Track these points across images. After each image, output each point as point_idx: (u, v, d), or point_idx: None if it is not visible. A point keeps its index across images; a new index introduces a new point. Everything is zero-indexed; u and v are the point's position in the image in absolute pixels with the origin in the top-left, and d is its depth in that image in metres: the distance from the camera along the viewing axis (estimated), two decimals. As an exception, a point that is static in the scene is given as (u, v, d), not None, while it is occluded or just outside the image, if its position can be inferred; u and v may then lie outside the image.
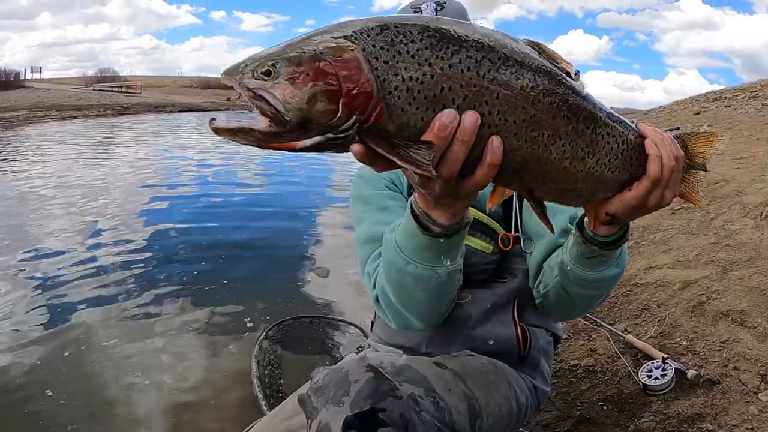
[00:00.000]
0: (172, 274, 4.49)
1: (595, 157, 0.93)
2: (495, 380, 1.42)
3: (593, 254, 1.15)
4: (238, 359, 3.09)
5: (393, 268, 1.23)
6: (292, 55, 0.77)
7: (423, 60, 0.77)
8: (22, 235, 5.52)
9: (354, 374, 1.15)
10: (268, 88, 0.76)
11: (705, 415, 2.11)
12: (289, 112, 0.75)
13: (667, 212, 4.51)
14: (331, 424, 1.07)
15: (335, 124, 0.76)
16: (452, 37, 0.79)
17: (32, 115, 25.46)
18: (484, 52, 0.80)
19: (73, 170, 10.16)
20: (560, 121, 0.87)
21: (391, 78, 0.77)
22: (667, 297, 3.05)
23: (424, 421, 1.14)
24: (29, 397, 2.66)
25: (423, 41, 0.78)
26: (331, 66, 0.76)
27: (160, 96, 51.19)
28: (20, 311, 3.65)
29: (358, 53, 0.76)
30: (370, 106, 0.76)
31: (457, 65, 0.78)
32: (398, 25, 0.78)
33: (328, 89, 0.75)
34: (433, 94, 0.78)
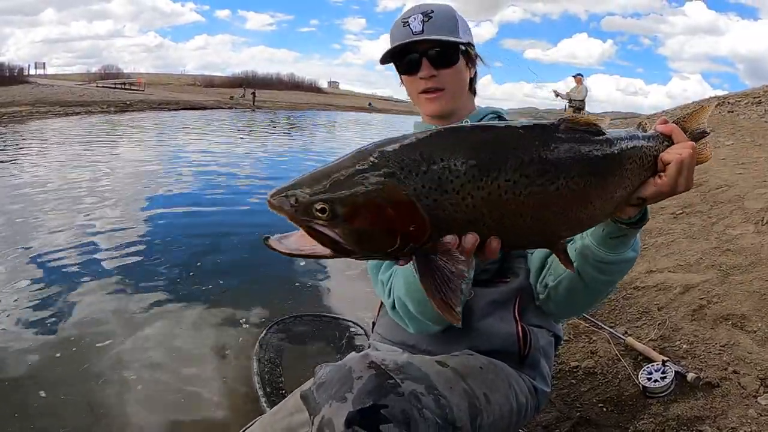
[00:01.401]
0: (172, 271, 4.49)
1: (624, 188, 1.02)
2: (495, 380, 1.43)
3: (619, 233, 1.20)
4: (239, 357, 3.10)
5: (412, 287, 1.36)
6: (346, 197, 0.81)
7: (466, 194, 0.84)
8: (21, 230, 5.54)
9: (357, 371, 1.16)
10: (328, 227, 0.82)
11: (704, 418, 2.11)
12: (350, 245, 0.83)
13: (669, 216, 4.52)
14: (334, 420, 1.07)
15: (393, 252, 0.86)
16: (492, 164, 0.85)
17: (35, 111, 25.51)
18: (522, 169, 0.86)
19: (75, 166, 10.22)
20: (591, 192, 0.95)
21: (439, 213, 0.84)
22: (667, 300, 3.05)
23: (426, 417, 1.15)
24: (25, 394, 2.66)
25: (466, 174, 0.84)
26: (387, 210, 0.82)
27: (164, 93, 51.28)
28: (16, 307, 3.65)
29: (411, 196, 0.82)
30: (425, 237, 0.85)
31: (496, 191, 0.85)
32: (443, 158, 0.83)
33: (385, 229, 0.83)
34: (474, 217, 0.86)
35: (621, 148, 1.00)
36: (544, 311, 1.55)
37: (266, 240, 0.86)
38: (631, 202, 1.07)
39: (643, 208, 1.13)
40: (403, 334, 1.65)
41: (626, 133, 1.04)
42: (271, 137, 20.83)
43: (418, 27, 1.54)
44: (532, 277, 1.52)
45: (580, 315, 1.74)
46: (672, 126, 1.10)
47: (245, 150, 15.21)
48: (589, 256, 1.27)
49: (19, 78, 47.49)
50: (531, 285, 1.54)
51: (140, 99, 39.80)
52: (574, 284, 1.36)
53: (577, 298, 1.41)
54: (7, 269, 4.39)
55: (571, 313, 1.57)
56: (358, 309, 3.63)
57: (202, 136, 19.11)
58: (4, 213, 6.36)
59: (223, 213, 6.72)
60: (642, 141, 1.05)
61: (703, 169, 5.74)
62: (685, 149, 1.04)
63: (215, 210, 6.89)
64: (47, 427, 2.50)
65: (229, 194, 8.09)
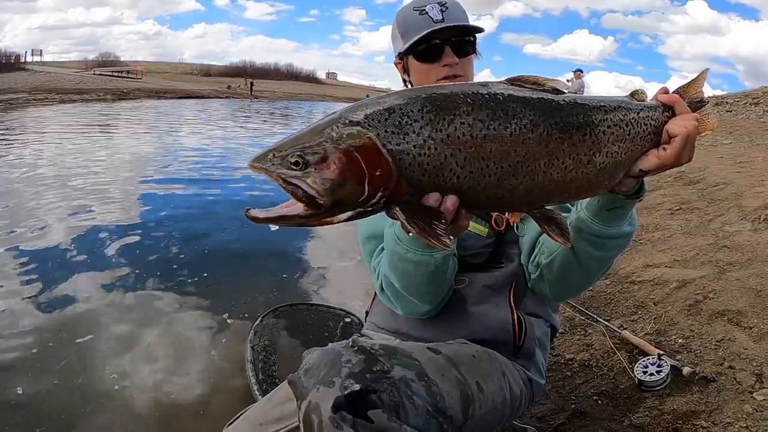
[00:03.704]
0: (166, 258, 4.48)
1: (602, 154, 1.01)
2: (489, 369, 1.41)
3: (614, 205, 1.19)
4: (232, 345, 3.09)
5: (395, 257, 1.35)
6: (317, 146, 0.88)
7: (426, 136, 0.90)
8: (17, 218, 5.48)
9: (345, 355, 1.15)
10: (300, 177, 0.87)
11: (700, 413, 2.10)
12: (322, 197, 0.87)
13: (666, 212, 4.53)
14: (321, 405, 1.06)
15: (364, 202, 0.89)
16: (446, 108, 0.91)
17: (32, 98, 25.42)
18: (474, 113, 0.92)
19: (70, 153, 10.18)
20: (554, 145, 0.96)
21: (404, 157, 0.90)
22: (663, 295, 3.05)
23: (416, 405, 1.13)
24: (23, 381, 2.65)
25: (423, 118, 0.90)
26: (353, 154, 0.87)
27: (161, 82, 51.20)
28: (9, 297, 3.62)
29: (375, 139, 0.88)
30: (392, 183, 0.89)
31: (454, 133, 0.91)
32: (402, 107, 0.91)
33: (354, 174, 0.87)
34: (439, 162, 0.91)
35: (589, 108, 1.00)
36: (537, 293, 1.54)
37: (247, 211, 0.91)
38: (631, 174, 1.06)
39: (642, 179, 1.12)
40: (395, 322, 1.64)
41: (604, 97, 1.05)
42: (267, 126, 20.80)
43: (438, 15, 1.55)
44: (523, 257, 1.52)
45: (574, 296, 1.75)
46: (675, 96, 1.09)
47: (240, 139, 15.19)
48: (584, 229, 1.25)
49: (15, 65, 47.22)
50: (523, 264, 1.53)
51: (137, 87, 39.69)
52: (567, 261, 1.35)
53: (571, 277, 1.39)
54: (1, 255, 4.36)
55: (565, 293, 1.53)
56: (351, 300, 3.64)
57: (198, 124, 19.08)
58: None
59: (220, 202, 6.68)
60: (634, 109, 1.05)
61: (701, 167, 5.75)
62: (690, 121, 1.04)
63: (212, 199, 6.86)
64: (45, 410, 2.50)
65: (226, 182, 8.06)
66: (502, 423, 1.59)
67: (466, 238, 1.52)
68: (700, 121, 1.08)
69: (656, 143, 1.06)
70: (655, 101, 1.09)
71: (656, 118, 1.07)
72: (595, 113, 1.01)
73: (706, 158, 6.26)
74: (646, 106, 1.07)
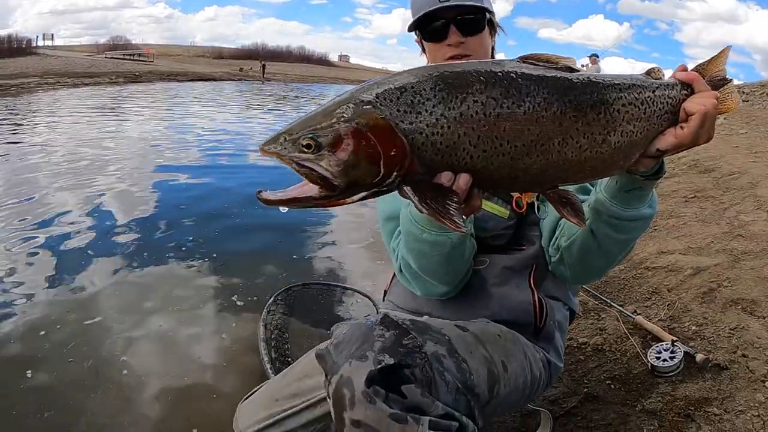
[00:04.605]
0: (181, 241, 4.47)
1: (617, 133, 1.00)
2: (513, 349, 1.41)
3: (633, 186, 1.17)
4: (245, 323, 3.10)
5: (411, 238, 1.36)
6: (329, 128, 0.87)
7: (439, 115, 0.90)
8: (28, 200, 5.50)
9: (377, 329, 1.14)
10: (314, 159, 0.87)
11: (712, 400, 2.10)
12: (337, 178, 0.87)
13: (681, 200, 4.50)
14: (353, 379, 1.05)
15: (379, 182, 0.90)
16: (459, 86, 0.91)
17: (44, 82, 25.42)
18: (487, 92, 0.92)
19: (82, 136, 10.17)
20: (568, 123, 0.96)
21: (417, 136, 0.90)
22: (677, 282, 3.03)
23: (447, 381, 1.13)
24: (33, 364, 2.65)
25: (436, 96, 0.90)
26: (367, 134, 0.87)
27: (173, 65, 51.09)
28: (19, 279, 3.63)
29: (388, 119, 0.88)
30: (405, 163, 0.89)
31: (467, 111, 0.91)
32: (413, 85, 0.91)
33: (368, 155, 0.87)
34: (452, 141, 0.91)
35: (604, 86, 1.00)
36: (557, 276, 1.53)
37: (259, 193, 0.91)
38: (648, 154, 1.05)
39: (661, 160, 1.10)
40: (415, 302, 1.64)
41: (619, 75, 1.03)
42: (280, 108, 20.75)
43: None
44: (544, 240, 1.51)
45: (595, 279, 1.74)
46: (693, 74, 1.07)
47: (253, 121, 15.16)
48: (603, 211, 1.24)
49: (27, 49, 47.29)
50: (543, 247, 1.52)
51: (149, 70, 39.64)
52: (587, 244, 1.33)
53: (590, 260, 1.38)
54: (9, 236, 4.39)
55: (585, 276, 1.52)
56: (364, 279, 3.65)
57: (210, 107, 19.05)
58: (11, 181, 6.35)
59: (233, 183, 6.64)
60: (650, 87, 1.04)
61: (717, 155, 5.70)
62: (709, 99, 1.02)
63: (225, 180, 6.83)
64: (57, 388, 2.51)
65: (238, 165, 8.06)
66: (520, 404, 1.59)
67: (487, 220, 1.52)
68: (721, 100, 1.06)
69: (674, 122, 1.04)
70: (673, 79, 1.07)
71: (674, 96, 1.05)
72: (609, 92, 1.00)
73: (721, 147, 6.20)
74: (662, 84, 1.05)
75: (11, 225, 4.68)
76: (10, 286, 3.50)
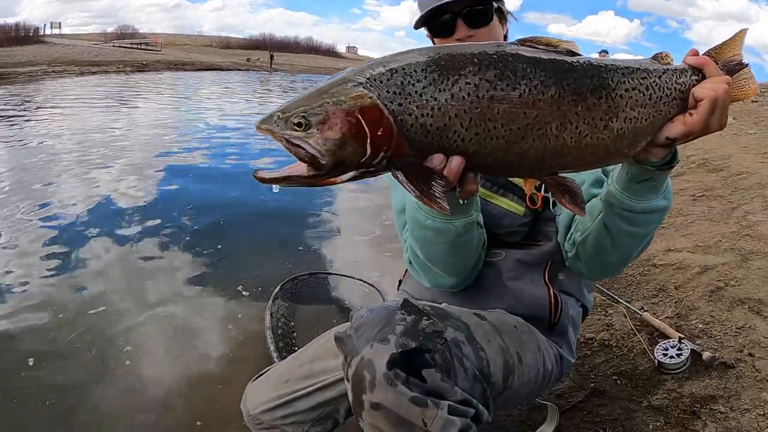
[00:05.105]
0: (187, 230, 4.49)
1: (620, 119, 0.96)
2: (527, 341, 1.41)
3: (644, 177, 1.13)
4: (250, 314, 3.11)
5: (416, 225, 1.35)
6: (319, 107, 0.88)
7: (429, 96, 0.89)
8: (34, 188, 5.51)
9: (399, 314, 1.13)
10: (303, 138, 0.88)
11: (718, 398, 2.10)
12: (324, 157, 0.88)
13: (689, 198, 4.49)
14: (375, 361, 1.04)
15: (366, 162, 0.90)
16: (451, 68, 0.90)
17: (51, 70, 25.42)
18: (480, 73, 0.90)
19: (89, 125, 10.17)
20: (566, 108, 0.93)
21: (406, 117, 0.89)
22: (685, 280, 3.03)
23: (465, 368, 1.13)
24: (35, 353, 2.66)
25: (427, 78, 0.90)
26: (354, 114, 0.87)
27: (180, 54, 51.12)
28: (23, 267, 3.64)
29: (377, 99, 0.88)
30: (393, 144, 0.89)
31: (458, 93, 0.89)
32: (404, 67, 0.90)
33: (355, 134, 0.88)
34: (443, 123, 0.90)
35: (605, 70, 0.97)
36: (574, 272, 1.51)
37: (255, 172, 0.92)
38: (657, 142, 1.02)
39: (672, 149, 1.07)
40: (430, 293, 1.63)
41: (624, 60, 1.00)
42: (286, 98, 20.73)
43: None
44: (560, 236, 1.49)
45: (611, 275, 1.73)
46: (704, 58, 1.03)
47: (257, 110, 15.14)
48: (614, 204, 1.21)
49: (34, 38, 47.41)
50: (559, 243, 1.51)
51: (157, 59, 39.70)
52: (601, 239, 1.30)
53: (605, 255, 1.34)
54: (14, 227, 4.40)
55: (602, 272, 1.48)
56: (369, 270, 3.64)
57: (216, 96, 19.05)
58: (17, 169, 6.36)
59: (239, 173, 6.62)
60: (655, 72, 1.00)
61: (726, 155, 5.68)
62: (720, 84, 0.98)
63: (231, 170, 6.85)
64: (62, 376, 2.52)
65: (244, 154, 8.06)
66: (530, 398, 1.59)
67: (502, 217, 1.51)
68: (737, 86, 1.04)
69: (684, 109, 1.00)
70: (683, 64, 1.03)
71: (683, 81, 1.01)
72: (611, 75, 0.97)
73: (730, 147, 6.17)
74: (670, 69, 1.02)
75: (16, 213, 4.70)
76: (15, 274, 3.52)
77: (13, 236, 4.17)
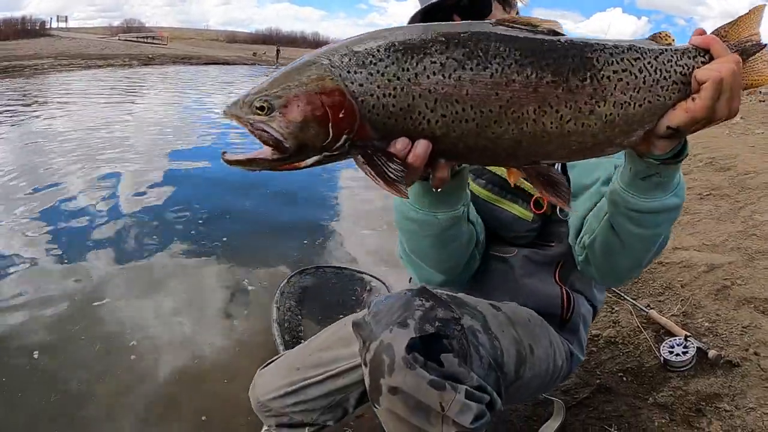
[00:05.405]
0: (194, 224, 4.50)
1: (608, 103, 0.89)
2: (540, 335, 1.41)
3: (649, 172, 1.04)
4: (256, 308, 3.13)
5: (402, 216, 1.33)
6: (281, 91, 0.87)
7: (392, 76, 0.85)
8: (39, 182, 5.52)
9: (417, 300, 1.14)
10: (266, 121, 0.87)
11: (723, 396, 2.11)
12: (287, 140, 0.87)
13: (695, 196, 4.48)
14: (394, 345, 1.05)
15: (329, 145, 0.87)
16: (416, 47, 0.86)
17: (57, 64, 25.47)
18: (448, 52, 0.85)
19: (94, 119, 10.21)
20: (545, 89, 0.86)
21: (368, 98, 0.86)
22: (691, 278, 3.03)
23: (481, 355, 1.14)
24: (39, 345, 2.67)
25: (389, 57, 0.86)
26: (315, 96, 0.85)
27: (186, 48, 51.12)
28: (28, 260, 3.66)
29: (338, 81, 0.85)
30: (355, 126, 0.86)
31: (422, 73, 0.85)
32: (367, 47, 0.86)
33: (316, 117, 0.86)
34: (406, 104, 0.86)
35: (590, 49, 0.89)
36: (587, 276, 1.48)
37: (223, 154, 0.91)
38: (659, 132, 0.93)
39: (680, 140, 0.98)
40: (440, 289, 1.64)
41: (615, 39, 0.93)
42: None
43: None
44: (570, 238, 1.44)
45: (624, 280, 1.70)
46: (710, 37, 0.93)
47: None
48: (620, 203, 1.12)
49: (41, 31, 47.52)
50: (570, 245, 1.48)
51: (163, 53, 39.76)
52: (609, 241, 1.22)
53: (615, 259, 1.26)
54: (19, 218, 4.42)
55: (613, 276, 1.41)
56: (376, 264, 3.67)
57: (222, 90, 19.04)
58: (22, 161, 6.40)
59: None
60: (651, 53, 0.92)
61: (733, 154, 5.67)
62: (726, 64, 0.88)
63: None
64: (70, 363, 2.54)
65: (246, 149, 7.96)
66: (538, 392, 1.60)
67: (511, 221, 1.49)
68: (752, 70, 0.95)
69: (688, 95, 0.91)
70: (687, 44, 0.94)
71: (685, 63, 0.92)
72: (597, 55, 0.88)
73: (738, 146, 6.15)
74: (669, 49, 0.93)
75: (21, 206, 4.72)
76: (19, 267, 3.53)
77: (17, 228, 4.19)
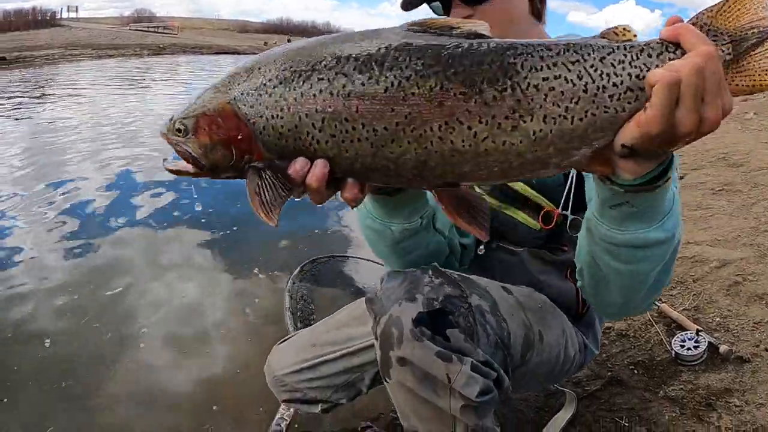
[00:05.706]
0: (207, 212, 4.53)
1: (538, 117, 0.75)
2: (551, 323, 1.41)
3: (616, 201, 0.91)
4: (269, 297, 3.15)
5: (361, 222, 1.31)
6: (191, 115, 0.88)
7: (278, 96, 0.83)
8: (51, 172, 5.57)
9: (426, 277, 1.17)
10: (183, 143, 0.89)
11: (733, 391, 2.12)
12: (201, 160, 0.89)
13: (708, 192, 4.46)
14: (402, 318, 1.09)
15: (235, 165, 0.89)
16: (305, 63, 0.82)
17: (68, 54, 25.52)
18: (337, 67, 0.80)
19: (105, 108, 10.27)
20: (453, 103, 0.76)
21: (258, 120, 0.85)
22: (703, 273, 3.02)
23: (488, 334, 1.16)
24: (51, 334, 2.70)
25: (278, 77, 0.83)
26: (216, 120, 0.87)
27: (197, 38, 51.08)
28: (39, 250, 3.69)
29: (231, 104, 0.86)
30: (253, 148, 0.87)
31: (308, 91, 0.81)
32: (262, 67, 0.85)
33: (220, 140, 0.87)
34: (293, 125, 0.83)
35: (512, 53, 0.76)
36: None
37: (164, 161, 0.95)
38: (615, 151, 0.77)
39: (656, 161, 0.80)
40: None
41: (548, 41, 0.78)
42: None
43: None
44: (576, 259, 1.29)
45: (617, 316, 1.63)
46: (681, 26, 0.74)
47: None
48: (594, 232, 1.01)
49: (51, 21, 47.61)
50: None
51: (174, 43, 39.75)
52: (594, 272, 1.10)
53: (603, 292, 1.13)
54: (30, 208, 4.46)
55: (605, 311, 1.33)
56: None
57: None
58: (32, 150, 6.45)
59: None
60: (595, 53, 0.76)
61: (746, 150, 5.61)
62: (689, 60, 0.69)
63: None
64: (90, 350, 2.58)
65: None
66: (547, 382, 1.60)
67: (517, 227, 1.44)
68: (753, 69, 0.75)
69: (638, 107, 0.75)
70: (653, 40, 0.77)
71: (641, 64, 0.75)
72: (521, 60, 0.75)
73: (750, 142, 6.08)
74: (622, 46, 0.76)
75: (32, 194, 4.78)
76: (30, 255, 3.59)
77: (29, 217, 4.24)
